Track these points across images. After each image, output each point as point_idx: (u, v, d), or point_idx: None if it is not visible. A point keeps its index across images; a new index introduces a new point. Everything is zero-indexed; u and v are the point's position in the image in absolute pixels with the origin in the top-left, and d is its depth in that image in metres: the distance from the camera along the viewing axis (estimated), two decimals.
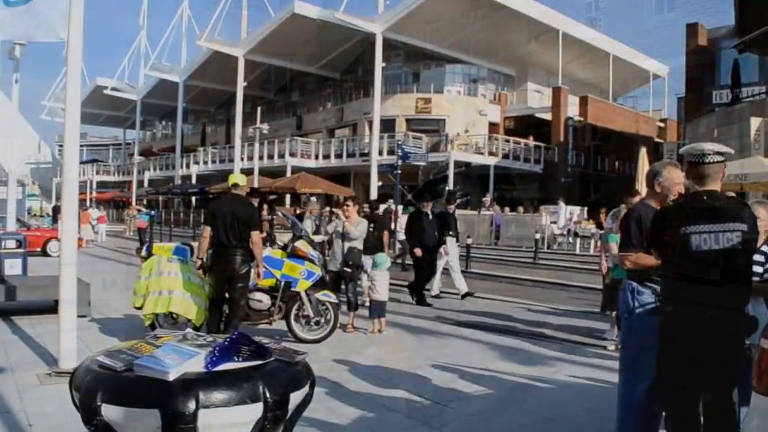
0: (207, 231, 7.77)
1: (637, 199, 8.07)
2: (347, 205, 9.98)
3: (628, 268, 4.59)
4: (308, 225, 10.86)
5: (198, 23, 58.07)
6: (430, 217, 12.61)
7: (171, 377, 2.40)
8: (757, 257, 4.46)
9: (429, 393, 6.24)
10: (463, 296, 12.80)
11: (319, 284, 8.71)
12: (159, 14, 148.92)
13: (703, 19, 39.52)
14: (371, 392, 6.24)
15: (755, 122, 24.08)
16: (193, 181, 52.51)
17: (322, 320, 8.53)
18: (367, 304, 9.84)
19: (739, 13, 29.00)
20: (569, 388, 6.62)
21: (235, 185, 8.16)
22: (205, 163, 54.91)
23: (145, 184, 60.10)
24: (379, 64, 41.89)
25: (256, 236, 7.77)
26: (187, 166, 56.22)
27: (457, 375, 6.95)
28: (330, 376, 6.67)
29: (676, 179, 4.61)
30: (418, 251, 12.28)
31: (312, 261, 8.58)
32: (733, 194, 4.73)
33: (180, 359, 2.50)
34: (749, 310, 4.00)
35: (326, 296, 8.59)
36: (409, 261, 15.67)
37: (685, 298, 3.85)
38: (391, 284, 9.69)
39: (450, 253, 12.93)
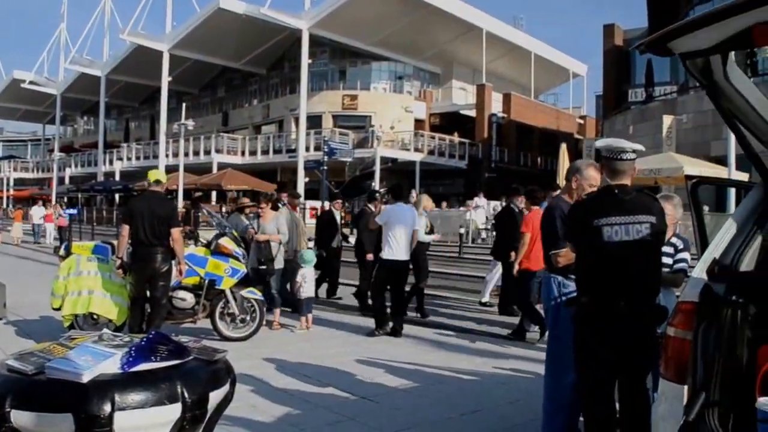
0: (125, 229, 7.59)
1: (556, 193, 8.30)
2: (263, 206, 9.87)
3: (563, 265, 4.67)
4: (423, 223, 10.29)
5: (121, 17, 56.84)
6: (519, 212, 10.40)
7: (85, 379, 2.35)
8: (666, 249, 4.64)
9: (355, 388, 6.26)
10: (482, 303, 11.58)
11: (245, 281, 8.63)
12: (80, 6, 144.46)
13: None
14: (297, 389, 6.22)
15: (667, 120, 25.06)
16: (117, 177, 51.31)
17: (248, 318, 8.46)
18: None
19: (650, 15, 30.09)
20: (493, 380, 6.74)
21: (158, 182, 7.98)
22: (129, 159, 53.74)
23: (66, 181, 58.37)
24: (305, 60, 41.78)
25: (176, 233, 7.62)
26: (110, 163, 54.90)
27: (384, 370, 7.00)
28: (255, 373, 6.63)
29: (592, 180, 4.75)
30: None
31: (237, 258, 8.49)
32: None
33: (94, 360, 2.45)
34: (659, 299, 4.16)
35: (251, 293, 8.52)
36: None
37: (599, 288, 3.98)
38: None
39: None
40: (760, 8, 2.44)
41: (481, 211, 28.63)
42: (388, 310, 9.22)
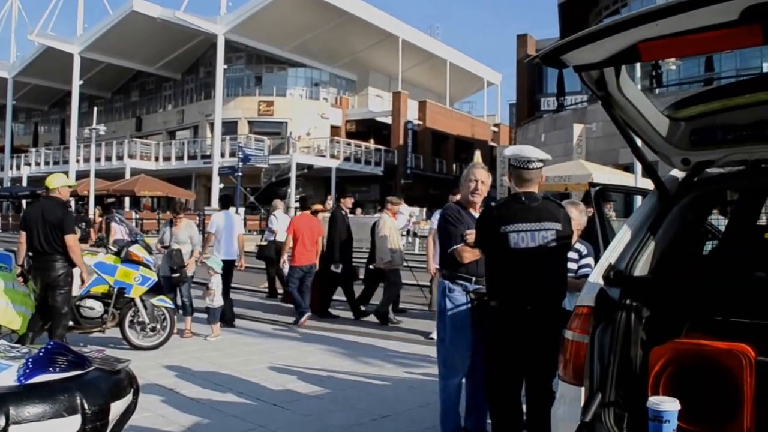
0: (23, 237, 7.31)
1: (457, 197, 8.53)
2: (180, 217, 9.76)
3: (458, 260, 4.77)
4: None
5: (30, 17, 54.86)
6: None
7: None
8: (571, 254, 4.79)
9: (266, 396, 6.24)
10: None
11: (155, 289, 8.47)
12: None
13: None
14: (208, 398, 6.14)
15: (578, 128, 25.83)
16: (24, 183, 49.45)
17: (158, 326, 8.30)
18: None
19: (561, 26, 31.07)
20: (405, 385, 6.81)
21: (52, 190, 7.64)
22: (38, 164, 51.87)
23: None
24: (220, 65, 41.34)
25: (70, 240, 7.26)
26: (18, 168, 52.90)
27: (295, 377, 6.98)
28: (165, 382, 6.52)
29: (481, 177, 4.89)
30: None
31: (147, 266, 8.33)
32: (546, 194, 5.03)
33: None
34: (565, 304, 4.29)
35: (162, 301, 8.36)
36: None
37: (506, 292, 4.10)
38: None
39: None
40: (641, 26, 2.58)
41: (401, 218, 28.81)
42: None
